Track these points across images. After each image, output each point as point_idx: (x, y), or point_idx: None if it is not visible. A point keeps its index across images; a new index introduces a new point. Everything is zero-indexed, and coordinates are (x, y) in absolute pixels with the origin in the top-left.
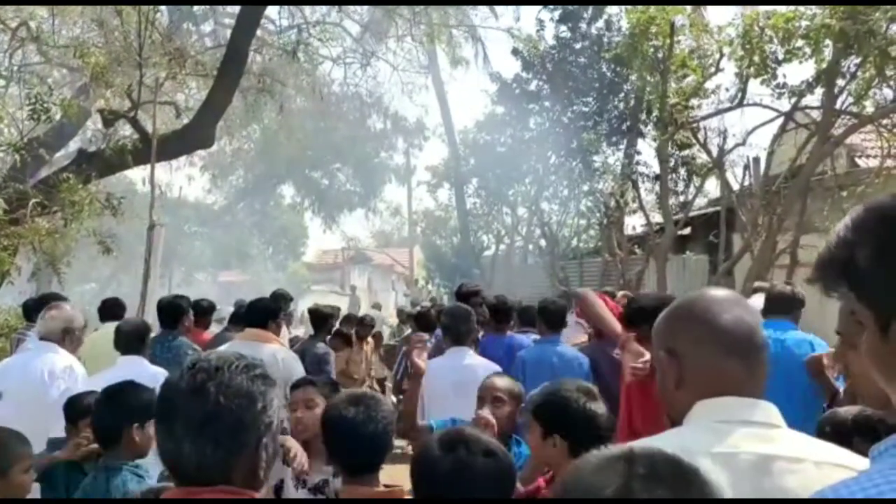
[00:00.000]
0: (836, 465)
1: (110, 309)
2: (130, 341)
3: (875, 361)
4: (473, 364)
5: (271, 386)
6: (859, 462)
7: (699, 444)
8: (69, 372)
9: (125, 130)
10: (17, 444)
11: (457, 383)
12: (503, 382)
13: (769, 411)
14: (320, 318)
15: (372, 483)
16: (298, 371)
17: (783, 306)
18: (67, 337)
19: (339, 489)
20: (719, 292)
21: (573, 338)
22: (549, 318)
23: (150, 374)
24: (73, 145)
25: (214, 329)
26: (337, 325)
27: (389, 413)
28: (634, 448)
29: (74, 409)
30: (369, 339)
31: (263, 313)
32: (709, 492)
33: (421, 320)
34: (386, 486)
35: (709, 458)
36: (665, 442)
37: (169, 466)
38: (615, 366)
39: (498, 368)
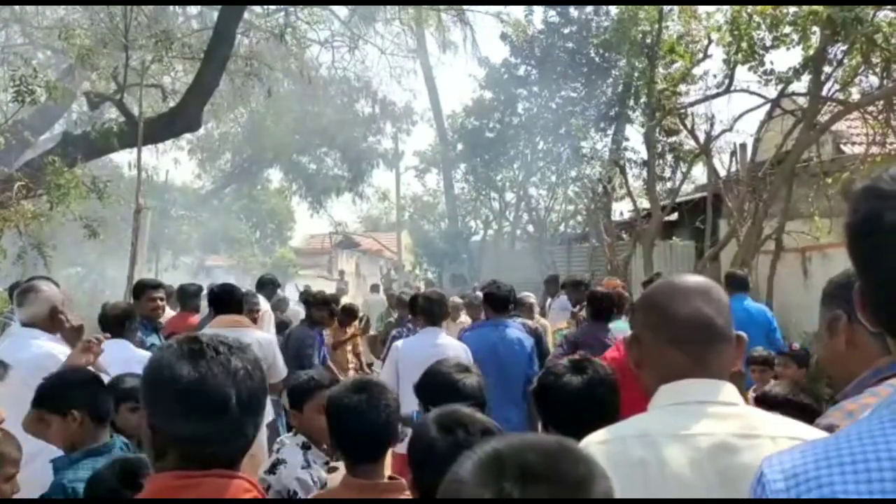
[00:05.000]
0: (791, 437)
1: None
2: (114, 325)
3: None
4: (445, 344)
5: None
6: (812, 434)
7: (659, 427)
8: (51, 360)
9: (111, 113)
10: (6, 447)
11: (428, 361)
12: None
13: (725, 390)
14: (315, 304)
15: (375, 474)
16: (278, 355)
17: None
18: (57, 317)
19: (326, 477)
20: (686, 280)
21: (556, 322)
22: (493, 303)
23: (137, 357)
24: (59, 128)
25: None
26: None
27: (394, 401)
28: (502, 449)
29: (116, 391)
30: (355, 324)
31: (238, 301)
32: (586, 472)
33: (413, 305)
34: (391, 477)
35: (670, 439)
36: (629, 427)
37: (208, 453)
38: (603, 348)
39: (465, 348)
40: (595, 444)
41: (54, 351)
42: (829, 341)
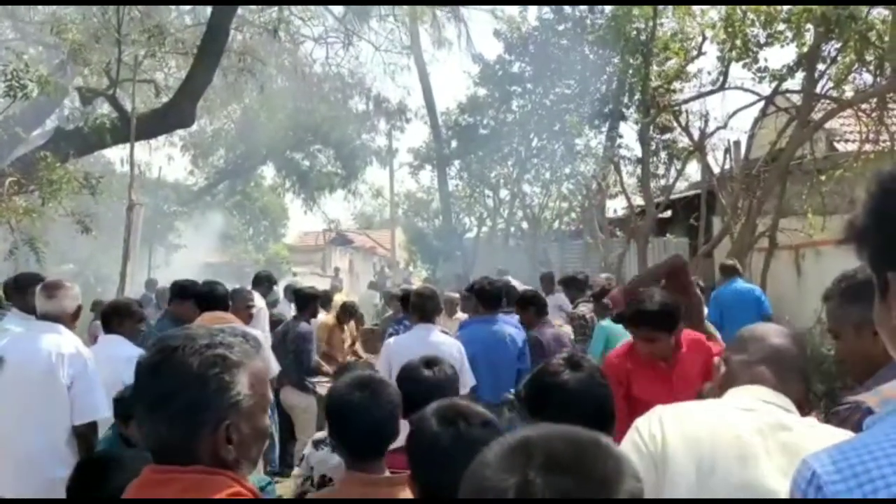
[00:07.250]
0: (825, 436)
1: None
2: (107, 321)
3: (882, 329)
4: (438, 341)
5: (232, 367)
6: (839, 433)
7: (728, 404)
8: (77, 356)
9: (103, 109)
10: None
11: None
12: None
13: (782, 399)
14: (304, 298)
15: (378, 469)
16: (267, 352)
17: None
18: (78, 315)
19: (322, 467)
20: (776, 327)
21: (552, 320)
22: (484, 299)
23: (125, 355)
24: (51, 123)
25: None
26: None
27: (396, 397)
28: (532, 437)
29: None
30: (351, 322)
31: (223, 297)
32: (615, 470)
33: (406, 301)
34: (392, 471)
35: (738, 411)
36: (694, 403)
37: (162, 448)
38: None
39: (459, 346)
40: (662, 408)
41: (73, 345)
42: (856, 340)
